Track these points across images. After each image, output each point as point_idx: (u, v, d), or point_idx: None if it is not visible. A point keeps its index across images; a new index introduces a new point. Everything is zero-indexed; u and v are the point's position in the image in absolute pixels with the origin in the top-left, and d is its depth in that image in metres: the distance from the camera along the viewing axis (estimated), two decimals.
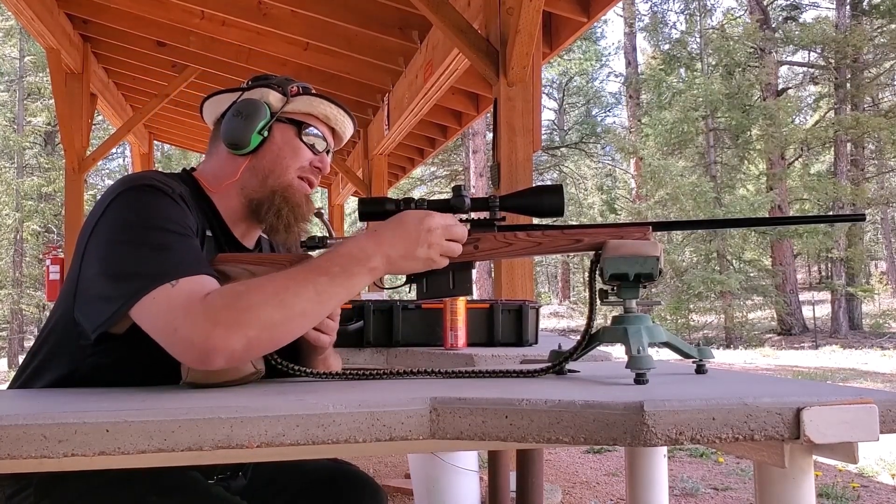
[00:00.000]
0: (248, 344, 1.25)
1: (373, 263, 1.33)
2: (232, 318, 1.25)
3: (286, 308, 1.28)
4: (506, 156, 4.23)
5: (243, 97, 1.62)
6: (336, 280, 1.32)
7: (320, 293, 1.31)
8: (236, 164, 1.61)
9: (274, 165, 1.61)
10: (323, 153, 1.66)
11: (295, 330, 1.31)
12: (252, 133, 1.57)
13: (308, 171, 1.64)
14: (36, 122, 26.82)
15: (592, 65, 35.33)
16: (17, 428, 0.98)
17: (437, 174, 30.18)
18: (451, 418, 1.08)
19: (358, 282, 1.34)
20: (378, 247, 1.34)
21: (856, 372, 12.38)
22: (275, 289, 1.28)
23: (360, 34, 6.47)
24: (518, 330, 2.25)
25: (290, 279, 1.30)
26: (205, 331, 1.24)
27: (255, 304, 1.26)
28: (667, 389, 1.14)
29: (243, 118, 1.58)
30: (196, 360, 1.26)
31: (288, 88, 1.63)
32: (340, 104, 1.68)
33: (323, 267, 1.32)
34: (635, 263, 1.30)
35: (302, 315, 1.30)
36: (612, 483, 4.90)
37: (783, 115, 22.24)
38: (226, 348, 1.24)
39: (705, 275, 21.31)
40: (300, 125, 1.63)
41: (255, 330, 1.25)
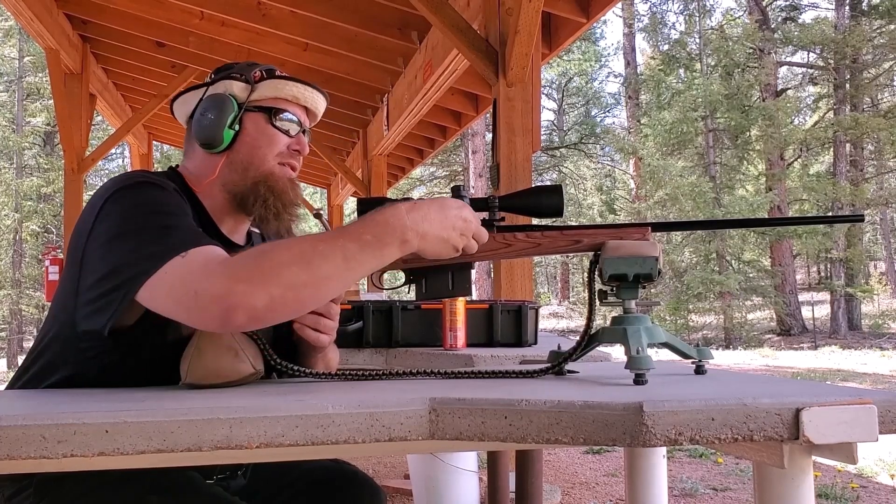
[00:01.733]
0: (272, 302, 1.22)
1: (407, 236, 1.29)
2: (255, 275, 1.23)
3: (312, 269, 1.24)
4: (505, 156, 4.24)
5: (208, 93, 1.59)
6: (366, 248, 1.27)
7: (348, 259, 1.26)
8: (214, 162, 1.59)
9: (251, 157, 1.58)
10: (299, 134, 1.63)
11: (320, 293, 1.28)
12: (223, 129, 1.55)
13: (287, 155, 1.61)
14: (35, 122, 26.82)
15: (592, 65, 35.34)
16: (16, 429, 0.98)
17: (437, 174, 30.19)
18: (451, 419, 1.08)
19: (389, 253, 1.29)
20: (417, 221, 1.30)
21: (855, 372, 12.38)
22: (301, 249, 1.25)
23: (359, 34, 6.47)
24: (517, 330, 2.25)
25: (319, 241, 1.27)
26: (227, 286, 1.22)
27: (280, 262, 1.24)
28: (666, 390, 1.14)
29: (211, 116, 1.55)
30: (217, 319, 1.23)
31: (251, 75, 1.60)
32: (307, 82, 1.65)
33: (355, 233, 1.28)
34: (634, 264, 1.30)
35: (327, 279, 1.26)
36: (611, 483, 4.90)
37: (782, 115, 22.25)
38: (248, 304, 1.21)
39: (704, 275, 21.32)
40: (270, 111, 1.59)
41: (280, 288, 1.22)
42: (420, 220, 1.30)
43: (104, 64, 8.88)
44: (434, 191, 29.44)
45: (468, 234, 1.34)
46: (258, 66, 1.64)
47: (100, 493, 1.38)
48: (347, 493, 1.71)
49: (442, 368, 1.44)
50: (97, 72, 8.66)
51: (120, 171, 33.37)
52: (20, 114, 26.43)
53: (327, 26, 6.44)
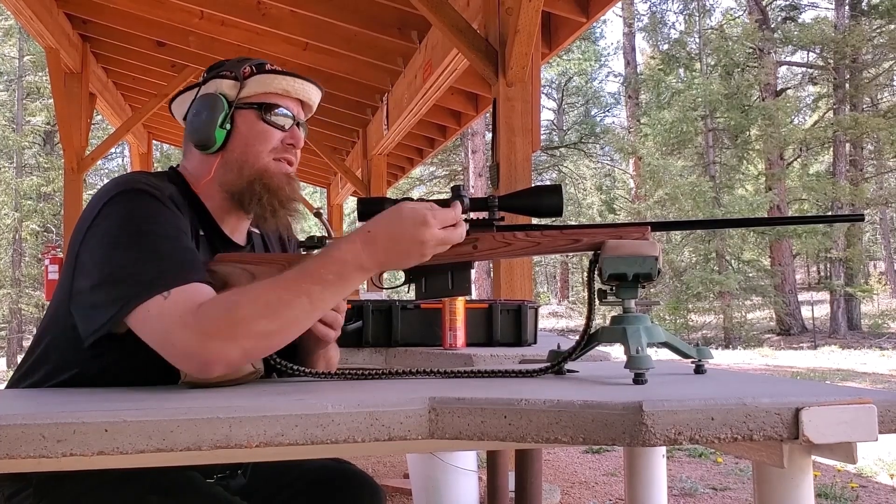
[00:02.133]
0: (245, 353, 1.28)
1: (366, 266, 1.33)
2: (226, 331, 1.26)
3: (279, 318, 1.28)
4: (505, 156, 4.24)
5: (200, 93, 1.60)
6: (329, 287, 1.31)
7: (314, 301, 1.31)
8: (209, 162, 1.59)
9: (245, 155, 1.58)
10: (293, 127, 1.62)
11: (290, 336, 1.32)
12: (214, 130, 1.55)
13: (282, 150, 1.60)
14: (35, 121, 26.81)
15: (591, 65, 35.33)
16: (15, 428, 0.98)
17: (437, 174, 30.19)
18: (450, 418, 1.08)
19: (352, 285, 1.34)
20: (373, 251, 1.32)
21: (854, 372, 12.38)
22: (267, 300, 1.29)
23: (359, 34, 6.47)
24: (517, 330, 2.25)
25: (283, 289, 1.30)
26: (201, 343, 1.26)
27: (248, 316, 1.27)
28: (665, 389, 1.14)
29: (202, 116, 1.56)
30: (195, 371, 1.28)
31: (240, 71, 1.60)
32: (298, 74, 1.66)
33: (317, 274, 1.31)
34: (634, 263, 1.30)
35: (295, 322, 1.31)
36: (610, 483, 4.90)
37: (782, 115, 22.25)
38: (223, 359, 1.27)
39: (704, 275, 21.32)
40: (261, 107, 1.59)
41: (251, 340, 1.27)
42: (376, 253, 1.32)
43: (104, 63, 8.87)
44: (434, 190, 29.43)
45: (429, 248, 1.33)
46: (249, 61, 1.63)
47: (100, 493, 1.38)
48: (347, 493, 1.71)
49: (441, 368, 1.44)
50: (97, 71, 8.66)
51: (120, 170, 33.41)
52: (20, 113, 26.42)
53: (327, 26, 6.43)
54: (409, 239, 1.32)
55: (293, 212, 1.61)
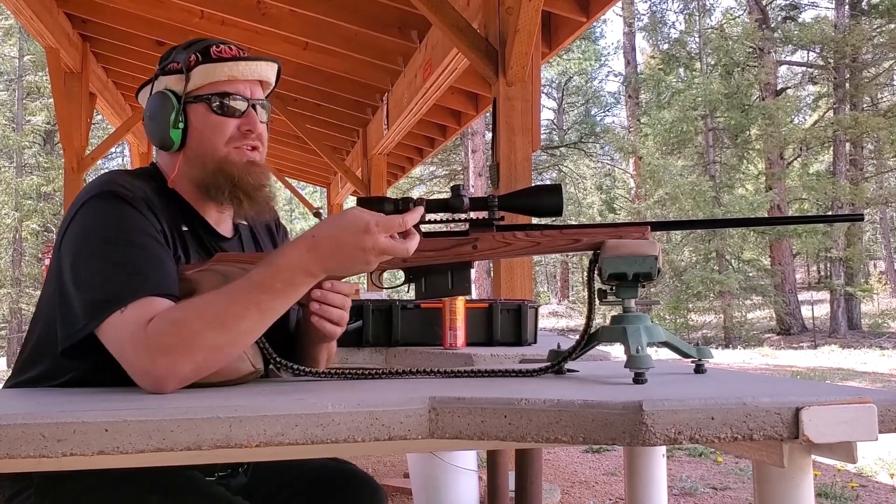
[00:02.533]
0: (197, 367, 1.27)
1: (312, 271, 1.31)
2: (176, 346, 1.26)
3: (229, 331, 1.28)
4: (505, 155, 4.24)
5: (151, 92, 1.58)
6: (278, 296, 1.30)
7: (264, 311, 1.30)
8: (174, 160, 1.58)
9: (203, 149, 1.55)
10: (248, 111, 1.58)
11: (242, 347, 1.32)
12: (169, 131, 1.54)
13: (239, 137, 1.57)
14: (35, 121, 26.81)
15: (591, 64, 35.33)
16: (15, 427, 0.98)
17: (437, 174, 30.19)
18: (450, 418, 1.08)
19: (301, 291, 1.33)
20: (317, 257, 1.31)
21: (854, 372, 12.38)
22: (216, 313, 1.28)
23: (359, 34, 6.47)
24: (517, 329, 2.25)
25: (232, 302, 1.29)
26: (151, 360, 1.26)
27: (197, 330, 1.27)
28: (666, 389, 1.14)
29: (156, 119, 1.54)
30: (149, 387, 1.27)
31: (186, 62, 1.55)
32: (246, 56, 1.60)
33: (265, 284, 1.30)
34: (634, 263, 1.30)
35: (246, 334, 1.30)
36: (610, 482, 4.90)
37: (782, 114, 22.25)
38: (174, 375, 1.26)
39: (704, 274, 21.33)
40: (210, 98, 1.55)
41: (202, 353, 1.27)
42: (321, 258, 1.31)
43: (104, 63, 8.87)
44: (434, 190, 29.43)
45: (372, 256, 1.31)
46: (196, 45, 1.58)
47: (100, 493, 1.38)
48: (347, 492, 1.71)
49: (441, 367, 1.44)
50: (97, 71, 8.65)
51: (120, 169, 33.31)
52: (20, 113, 26.42)
53: (327, 25, 6.43)
54: (350, 245, 1.30)
55: (264, 198, 1.59)
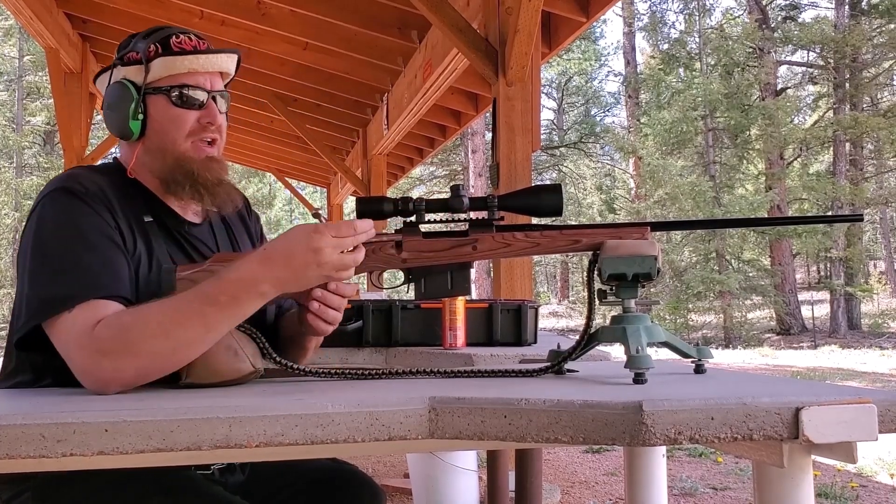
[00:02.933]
0: (138, 372, 1.28)
1: (262, 288, 1.30)
2: (118, 351, 1.27)
3: (172, 339, 1.28)
4: (505, 155, 4.23)
5: (109, 84, 1.57)
6: (224, 310, 1.30)
7: (208, 323, 1.29)
8: (132, 149, 1.58)
9: (163, 142, 1.55)
10: (208, 102, 1.57)
11: (185, 356, 1.31)
12: (128, 122, 1.53)
13: (199, 130, 1.56)
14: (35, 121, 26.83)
15: (591, 64, 35.32)
16: (15, 428, 0.98)
17: (437, 174, 30.19)
18: (450, 418, 1.08)
19: (248, 308, 1.32)
20: (268, 271, 1.30)
21: (854, 372, 12.38)
22: (160, 321, 1.28)
23: (359, 34, 6.47)
24: (517, 329, 2.25)
25: (177, 311, 1.29)
26: (95, 362, 1.27)
27: (141, 336, 1.28)
28: (665, 389, 1.14)
29: (115, 109, 1.54)
30: (92, 388, 1.28)
31: (146, 52, 1.53)
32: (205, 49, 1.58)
33: (212, 296, 1.29)
34: (633, 263, 1.30)
35: (190, 344, 1.29)
36: (610, 483, 4.90)
37: (782, 114, 22.25)
38: (117, 378, 1.27)
39: (704, 274, 21.32)
40: (170, 90, 1.54)
41: (145, 359, 1.28)
42: (274, 270, 1.31)
43: (104, 63, 8.82)
44: (434, 190, 29.43)
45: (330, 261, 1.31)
46: (154, 35, 1.56)
47: (100, 494, 1.38)
48: (347, 493, 1.70)
49: (441, 368, 1.44)
50: (97, 71, 8.64)
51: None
52: (20, 113, 26.44)
53: (327, 25, 6.43)
54: (302, 260, 1.30)
55: (224, 193, 1.59)
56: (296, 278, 1.32)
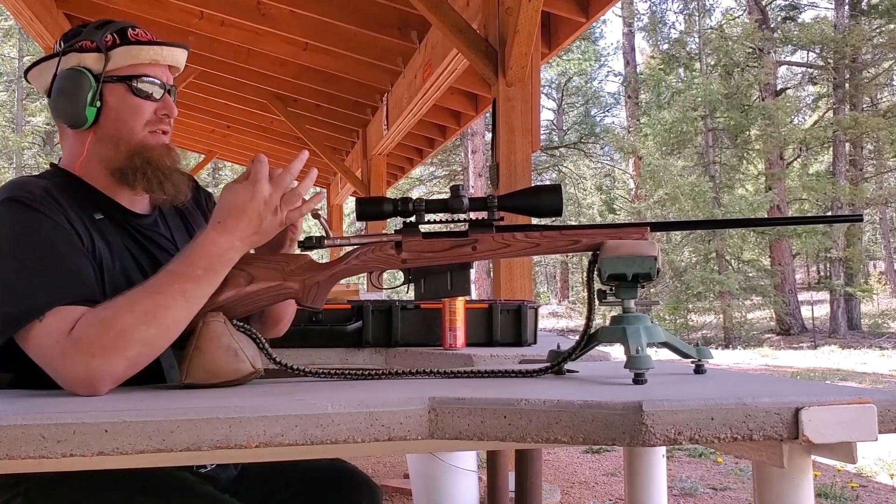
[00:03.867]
0: (131, 363, 1.28)
1: (231, 254, 1.35)
2: (107, 346, 1.26)
3: (159, 322, 1.29)
4: (505, 156, 4.24)
5: (61, 70, 1.51)
6: (201, 282, 1.33)
7: (189, 299, 1.32)
8: (82, 139, 1.54)
9: (119, 131, 1.53)
10: (164, 96, 1.57)
11: (172, 335, 1.32)
12: (84, 109, 1.49)
13: (156, 121, 1.56)
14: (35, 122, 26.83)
15: (591, 65, 35.31)
16: (15, 428, 0.98)
17: (436, 174, 30.20)
18: (450, 418, 1.08)
19: (222, 273, 1.36)
20: (229, 236, 1.34)
21: (854, 372, 12.38)
22: (144, 308, 1.29)
23: (359, 34, 6.47)
24: (517, 330, 2.25)
25: (157, 293, 1.31)
26: (83, 365, 1.26)
27: (126, 326, 1.28)
28: (665, 389, 1.14)
29: (68, 95, 1.49)
30: (85, 392, 1.27)
31: (102, 42, 1.51)
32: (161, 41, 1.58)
33: (186, 273, 1.32)
34: (633, 264, 1.30)
35: (175, 322, 1.32)
36: (610, 483, 4.90)
37: (782, 115, 22.25)
38: (109, 375, 1.27)
39: (704, 275, 21.31)
40: (130, 79, 1.53)
41: (135, 348, 1.28)
42: (231, 233, 1.34)
43: None
44: (433, 190, 29.43)
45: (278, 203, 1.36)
46: (109, 27, 1.54)
47: (91, 495, 1.38)
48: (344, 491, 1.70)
49: (441, 368, 1.44)
50: None
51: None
52: (20, 113, 26.45)
53: (327, 26, 6.43)
54: (251, 204, 1.34)
55: (180, 181, 1.58)
56: (256, 231, 1.35)
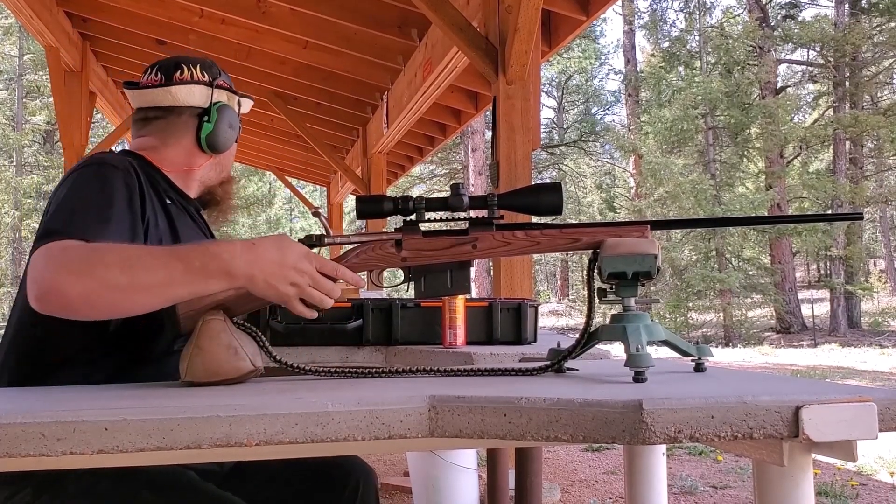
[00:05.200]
0: (84, 295, 1.27)
1: (234, 272, 1.30)
2: (79, 267, 1.28)
3: (131, 275, 1.28)
4: (505, 154, 4.23)
5: (219, 101, 1.78)
6: (190, 273, 1.29)
7: (171, 277, 1.29)
8: (200, 158, 1.79)
9: (227, 164, 1.87)
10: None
11: (133, 300, 1.30)
12: (230, 142, 1.81)
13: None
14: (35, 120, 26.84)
15: (592, 63, 35.28)
16: (15, 426, 0.98)
17: (437, 172, 30.18)
18: (450, 416, 1.08)
19: (211, 282, 1.30)
20: (246, 259, 1.30)
21: (854, 370, 12.38)
22: (129, 255, 1.31)
23: (359, 32, 6.46)
24: (517, 328, 2.25)
25: (150, 254, 1.33)
26: (52, 271, 1.29)
27: (105, 261, 1.29)
28: (665, 388, 1.14)
29: (233, 128, 1.80)
30: (35, 299, 1.29)
31: (232, 88, 1.84)
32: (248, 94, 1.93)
33: (184, 255, 1.31)
34: (633, 262, 1.30)
35: (144, 289, 1.29)
36: (610, 481, 4.90)
37: (782, 113, 22.23)
38: (62, 292, 1.27)
39: (704, 273, 21.32)
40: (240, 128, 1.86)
41: (95, 283, 1.27)
42: (251, 262, 1.30)
43: (104, 62, 8.86)
44: (434, 188, 29.43)
45: (302, 285, 1.32)
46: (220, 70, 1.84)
47: (96, 489, 1.39)
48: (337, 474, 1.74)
49: (441, 366, 1.44)
50: (97, 70, 8.65)
51: None
52: (20, 112, 26.45)
53: (327, 24, 6.43)
54: (291, 261, 1.31)
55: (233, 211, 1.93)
56: (265, 282, 1.31)
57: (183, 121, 1.75)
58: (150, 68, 1.79)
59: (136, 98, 1.78)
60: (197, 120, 1.76)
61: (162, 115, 1.76)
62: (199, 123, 1.76)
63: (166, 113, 1.75)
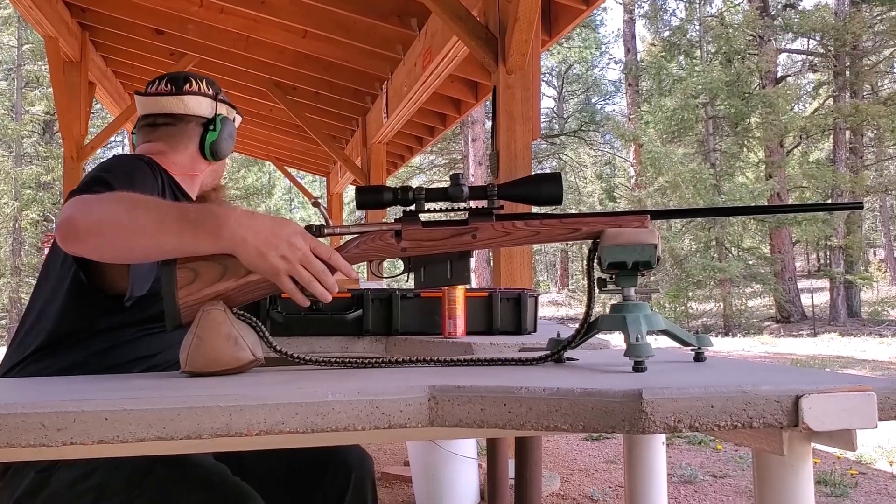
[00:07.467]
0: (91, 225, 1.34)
1: (224, 233, 1.30)
2: (92, 205, 1.37)
3: (131, 215, 1.34)
4: (505, 144, 4.23)
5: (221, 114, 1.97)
6: (183, 222, 1.31)
7: (164, 221, 1.31)
8: (201, 165, 1.96)
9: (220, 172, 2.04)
10: None
11: (131, 239, 1.33)
12: (230, 151, 1.99)
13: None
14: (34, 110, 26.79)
15: (592, 52, 35.21)
16: (15, 416, 0.98)
17: (436, 162, 30.15)
18: (450, 406, 1.08)
19: (202, 238, 1.31)
20: (242, 225, 1.30)
21: (854, 359, 12.39)
22: (137, 198, 1.40)
23: (358, 22, 6.45)
24: (517, 318, 2.25)
25: (154, 200, 1.40)
26: (69, 208, 1.37)
27: (115, 198, 1.41)
28: (665, 377, 1.14)
29: (230, 139, 1.97)
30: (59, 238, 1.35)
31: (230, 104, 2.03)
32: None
33: (185, 207, 1.41)
34: (633, 252, 1.30)
35: (141, 229, 1.32)
36: (610, 470, 4.92)
37: (782, 102, 22.18)
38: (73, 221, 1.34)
39: (704, 262, 21.32)
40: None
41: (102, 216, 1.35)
42: (245, 227, 1.30)
43: (103, 52, 8.84)
44: (433, 178, 29.41)
45: (293, 260, 1.31)
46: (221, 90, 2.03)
47: (112, 459, 1.44)
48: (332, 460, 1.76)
49: (441, 356, 1.44)
50: (96, 60, 8.63)
51: None
52: (19, 102, 26.40)
53: (326, 13, 6.41)
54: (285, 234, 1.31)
55: None
56: (257, 249, 1.30)
57: (190, 129, 1.92)
58: (158, 79, 1.93)
59: (147, 104, 1.92)
60: (202, 129, 1.93)
61: (171, 121, 1.91)
62: (203, 132, 1.93)
63: (175, 120, 1.91)
